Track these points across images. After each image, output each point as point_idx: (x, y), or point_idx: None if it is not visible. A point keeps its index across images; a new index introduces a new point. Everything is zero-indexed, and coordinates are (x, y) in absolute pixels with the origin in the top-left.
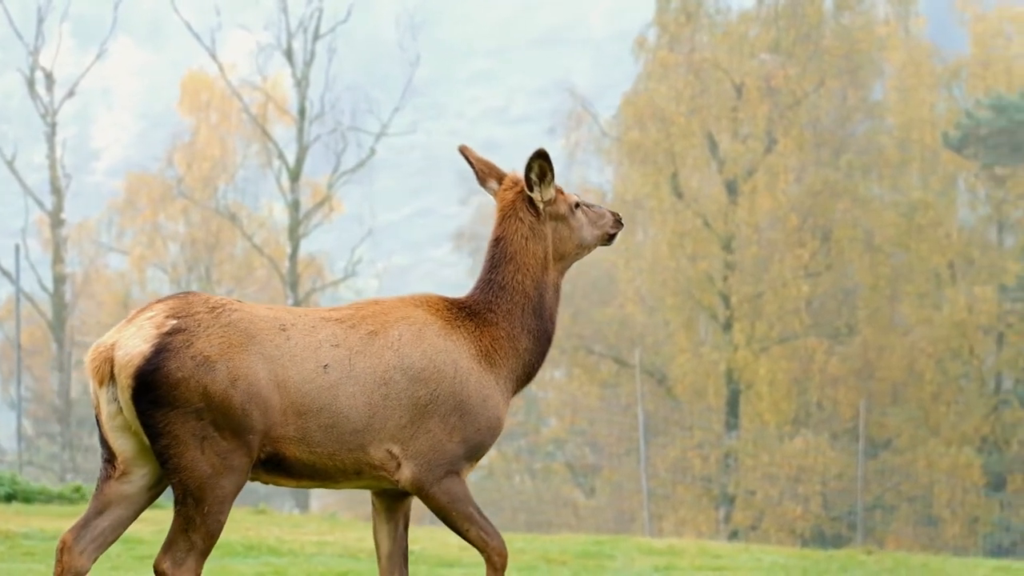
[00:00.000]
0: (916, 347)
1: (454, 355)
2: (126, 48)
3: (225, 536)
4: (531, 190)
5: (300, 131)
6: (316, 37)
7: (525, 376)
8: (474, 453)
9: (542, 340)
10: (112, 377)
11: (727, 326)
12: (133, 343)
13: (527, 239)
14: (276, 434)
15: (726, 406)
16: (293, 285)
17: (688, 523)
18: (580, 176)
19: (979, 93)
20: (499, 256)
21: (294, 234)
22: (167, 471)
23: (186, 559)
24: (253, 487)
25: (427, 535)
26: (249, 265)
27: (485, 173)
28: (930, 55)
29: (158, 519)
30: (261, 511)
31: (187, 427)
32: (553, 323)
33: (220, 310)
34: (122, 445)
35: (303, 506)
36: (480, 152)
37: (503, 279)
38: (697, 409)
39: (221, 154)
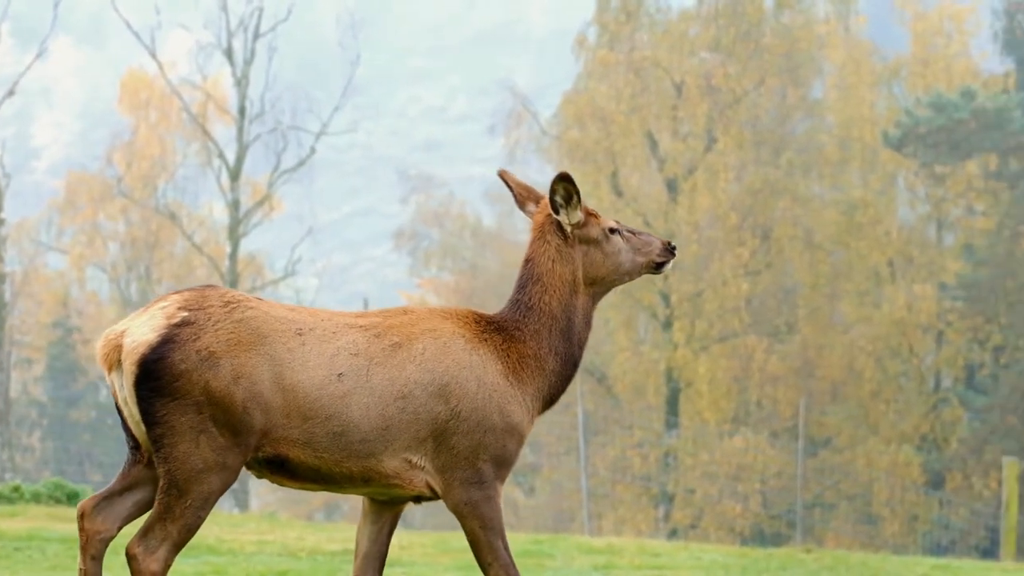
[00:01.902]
0: (856, 345)
1: (479, 371)
2: (66, 47)
3: None
4: (556, 213)
5: (240, 130)
6: (256, 36)
7: (549, 399)
8: (503, 470)
9: (568, 364)
10: (120, 364)
11: (667, 325)
12: (141, 332)
13: (554, 261)
14: (278, 435)
15: (666, 405)
16: (233, 284)
17: (628, 522)
18: (520, 175)
19: (919, 92)
20: (527, 277)
21: (234, 233)
22: (158, 459)
23: (159, 548)
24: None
25: None
26: (189, 264)
27: (524, 197)
28: (870, 54)
29: None
30: None
31: (185, 419)
32: (581, 348)
33: (235, 306)
34: (142, 433)
35: (243, 505)
36: (420, 151)
37: (530, 299)
38: (637, 408)
39: (161, 153)
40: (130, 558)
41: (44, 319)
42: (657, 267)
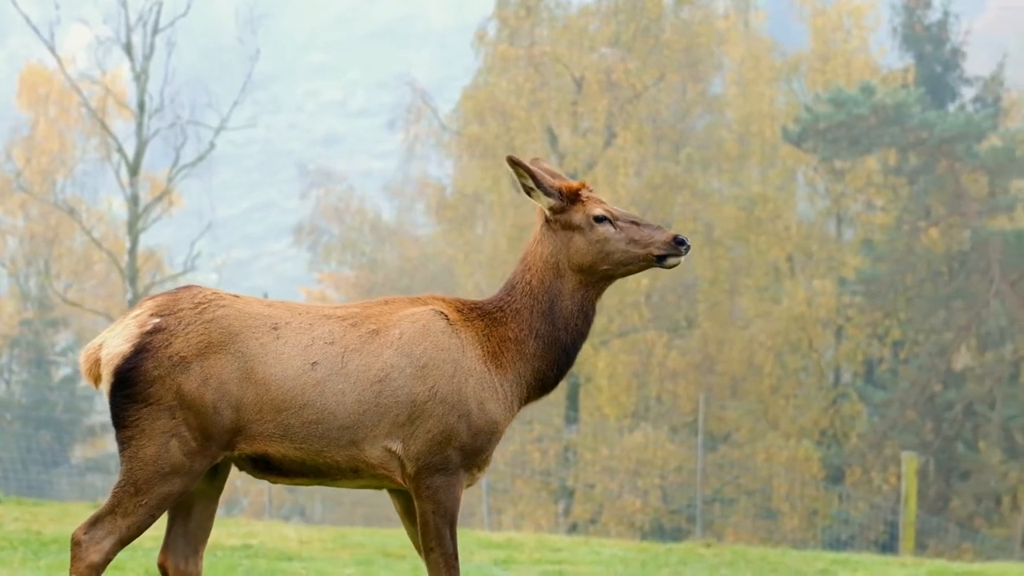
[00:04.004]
0: (755, 340)
1: (456, 354)
2: None
3: (62, 531)
4: (529, 195)
5: (139, 125)
6: (155, 31)
7: (537, 384)
8: (471, 459)
9: (553, 347)
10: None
11: None
12: (116, 343)
13: (538, 242)
14: (253, 432)
15: (566, 400)
16: (132, 279)
17: (527, 517)
18: (420, 170)
19: (818, 87)
20: (518, 260)
21: (133, 228)
22: (122, 457)
23: (104, 540)
24: (91, 481)
25: (265, 529)
26: (88, 259)
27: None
28: (769, 49)
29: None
30: (99, 505)
31: (159, 424)
32: (569, 332)
33: (205, 306)
34: None
35: None
36: (320, 146)
37: (514, 279)
38: (536, 403)
39: (60, 148)
40: (74, 543)
41: None
42: (659, 260)
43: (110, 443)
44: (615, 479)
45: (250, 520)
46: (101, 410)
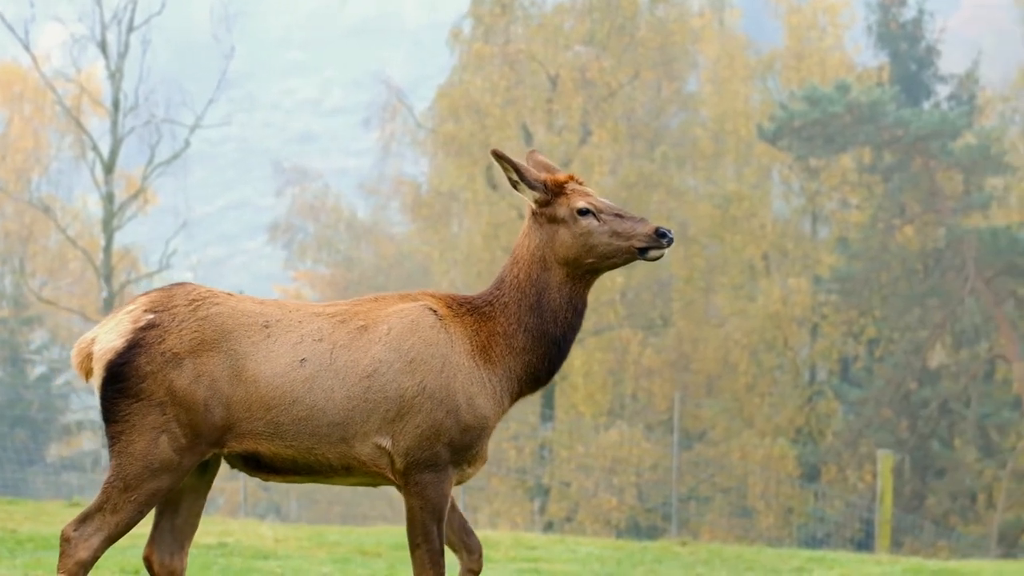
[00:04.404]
0: (730, 339)
1: (444, 349)
2: None
3: (38, 529)
4: (515, 189)
5: (114, 123)
6: (131, 29)
7: (529, 378)
8: (460, 454)
9: (543, 341)
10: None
11: None
12: (109, 338)
13: (525, 236)
14: (242, 430)
15: (541, 397)
16: (107, 277)
17: (503, 514)
18: (395, 168)
19: (793, 85)
20: (510, 254)
21: (108, 226)
22: (112, 452)
23: (92, 536)
24: (66, 480)
25: (241, 527)
26: (63, 257)
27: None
28: (744, 47)
29: None
30: (75, 504)
31: (149, 419)
32: (558, 325)
33: (199, 303)
34: None
35: None
36: (295, 144)
37: (503, 272)
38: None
39: (35, 146)
40: (63, 540)
41: None
42: (641, 253)
43: (85, 441)
44: (591, 477)
45: (225, 518)
46: (76, 408)
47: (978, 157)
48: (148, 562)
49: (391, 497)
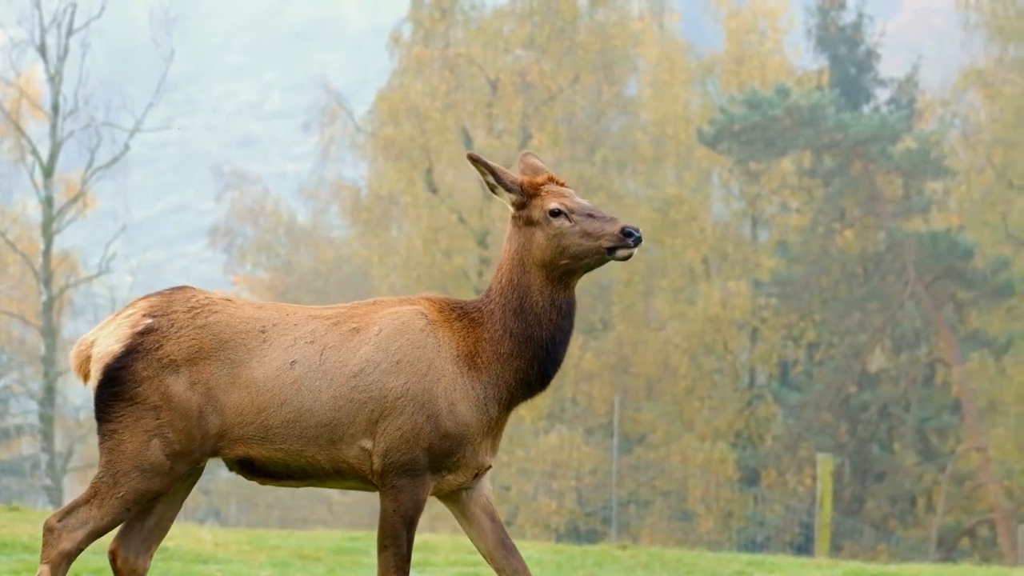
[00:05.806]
0: (670, 342)
1: (431, 353)
2: None
3: None
4: (493, 192)
5: (54, 127)
6: (70, 32)
7: (520, 384)
8: (439, 461)
9: (529, 345)
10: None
11: None
12: (107, 342)
13: (508, 240)
14: (235, 435)
15: None
16: (47, 281)
17: (442, 518)
18: (335, 172)
19: (733, 89)
20: None
21: (48, 230)
22: (103, 448)
23: (77, 529)
24: (6, 484)
25: (180, 532)
26: (2, 261)
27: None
28: (684, 51)
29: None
30: (14, 508)
31: (141, 423)
32: (543, 328)
33: (199, 311)
34: None
35: (57, 503)
36: (235, 147)
37: (492, 281)
38: None
39: None
40: (47, 530)
41: None
42: (610, 252)
43: (24, 446)
44: (530, 481)
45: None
46: (16, 412)
47: (918, 161)
48: (112, 556)
49: (331, 501)
